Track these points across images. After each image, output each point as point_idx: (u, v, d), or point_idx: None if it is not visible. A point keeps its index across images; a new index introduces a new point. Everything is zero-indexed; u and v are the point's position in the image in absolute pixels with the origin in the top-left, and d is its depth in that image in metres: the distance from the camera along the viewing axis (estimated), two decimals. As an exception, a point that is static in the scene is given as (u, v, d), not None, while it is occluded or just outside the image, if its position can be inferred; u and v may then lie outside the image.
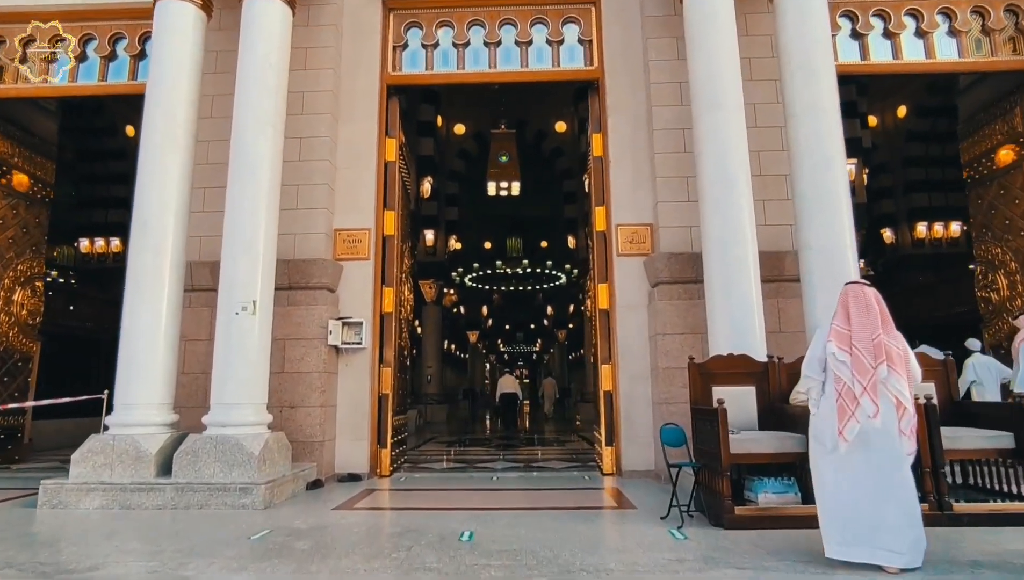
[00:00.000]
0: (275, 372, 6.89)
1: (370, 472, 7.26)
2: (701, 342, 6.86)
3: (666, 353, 6.88)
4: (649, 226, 7.58)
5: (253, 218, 6.13)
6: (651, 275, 7.28)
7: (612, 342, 7.57)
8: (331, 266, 7.23)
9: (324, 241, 7.34)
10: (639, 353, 7.34)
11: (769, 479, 4.66)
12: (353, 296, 7.51)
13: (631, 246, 7.56)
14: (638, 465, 7.12)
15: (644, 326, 7.39)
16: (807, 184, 6.10)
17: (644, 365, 7.31)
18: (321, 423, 6.83)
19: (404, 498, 6.13)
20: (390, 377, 7.65)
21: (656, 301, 7.04)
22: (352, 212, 7.71)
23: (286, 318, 7.03)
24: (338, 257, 7.58)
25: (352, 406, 7.30)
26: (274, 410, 6.79)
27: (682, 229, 7.25)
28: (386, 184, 8.04)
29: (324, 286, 7.15)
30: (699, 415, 5.14)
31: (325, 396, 6.91)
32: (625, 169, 7.75)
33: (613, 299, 7.58)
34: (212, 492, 5.33)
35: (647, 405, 7.23)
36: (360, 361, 7.39)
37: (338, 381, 7.33)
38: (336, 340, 7.10)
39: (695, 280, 7.03)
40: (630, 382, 7.30)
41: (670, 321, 6.95)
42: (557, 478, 7.23)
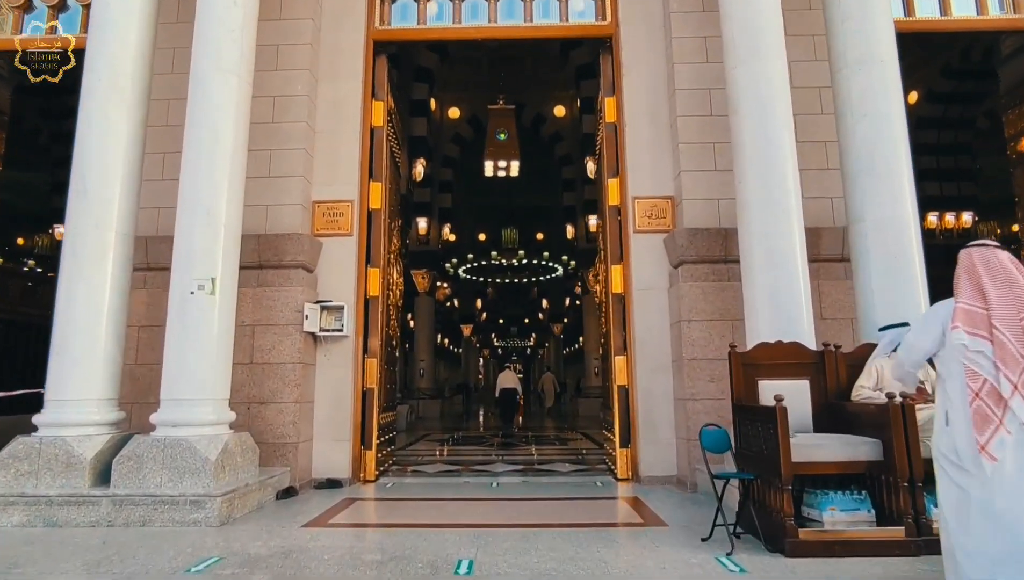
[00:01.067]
0: (241, 363, 5.98)
1: (352, 477, 6.37)
2: (731, 330, 6.01)
3: (691, 342, 6.02)
4: (670, 199, 6.70)
5: (213, 182, 5.21)
6: (673, 254, 6.41)
7: (628, 331, 6.70)
8: (308, 242, 6.32)
9: (300, 214, 6.42)
10: (658, 342, 6.47)
11: (836, 493, 3.80)
12: (334, 277, 6.61)
13: (649, 222, 6.69)
14: (658, 470, 6.26)
15: (664, 312, 6.53)
16: (861, 147, 5.23)
17: (664, 356, 6.44)
18: (295, 422, 5.93)
19: (390, 510, 5.26)
20: (376, 369, 6.75)
21: (679, 283, 6.17)
22: (333, 182, 6.79)
23: (255, 301, 6.13)
24: (317, 232, 6.66)
25: (332, 402, 6.40)
26: (240, 407, 5.88)
27: (708, 202, 6.38)
28: (372, 152, 7.12)
29: (300, 265, 6.24)
30: (745, 415, 4.28)
31: (300, 391, 6.01)
32: (642, 135, 6.86)
33: (629, 282, 6.71)
34: (157, 506, 4.43)
35: (668, 401, 6.37)
36: (341, 351, 6.49)
37: (316, 374, 6.43)
38: (313, 326, 6.19)
39: (724, 259, 6.17)
40: (648, 375, 6.44)
41: (696, 306, 6.08)
42: (565, 485, 6.37)
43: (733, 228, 6.15)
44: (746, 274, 5.28)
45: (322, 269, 6.61)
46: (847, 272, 6.20)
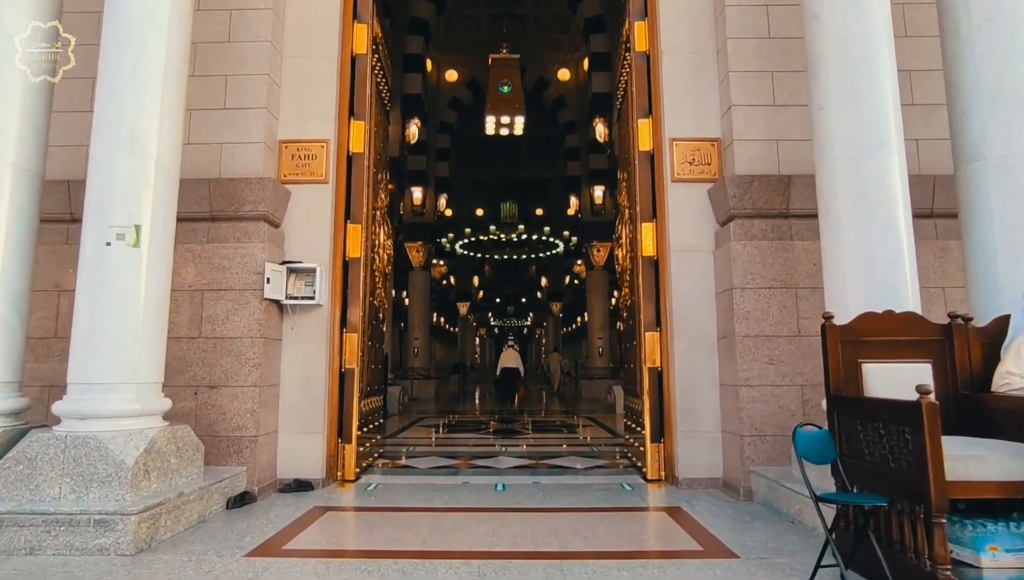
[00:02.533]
0: (188, 337, 4.82)
1: (327, 477, 5.24)
2: (794, 300, 4.86)
3: (745, 315, 4.86)
4: (715, 142, 5.50)
5: (140, 103, 3.98)
6: (720, 207, 5.23)
7: (662, 302, 5.54)
8: (272, 189, 5.10)
9: (263, 155, 5.20)
10: (701, 316, 5.32)
11: (996, 524, 2.68)
12: (304, 234, 5.41)
13: (691, 169, 5.49)
14: (699, 470, 5.15)
15: (708, 278, 5.36)
16: (982, 63, 4.00)
17: (708, 332, 5.29)
18: (254, 410, 4.77)
19: (368, 527, 4.12)
20: (356, 346, 5.59)
21: (730, 242, 4.99)
22: (305, 118, 5.55)
23: (206, 260, 4.93)
24: (284, 178, 5.45)
25: (302, 386, 5.24)
26: (185, 392, 4.74)
27: (765, 144, 5.18)
28: (353, 85, 5.88)
29: (261, 216, 5.04)
30: (852, 411, 3.12)
31: (261, 372, 4.84)
32: (682, 64, 5.63)
33: (664, 243, 5.53)
34: (51, 527, 3.28)
35: (712, 387, 5.24)
36: (313, 323, 5.32)
37: (282, 351, 5.26)
38: (277, 293, 5.00)
39: (785, 212, 5.00)
40: (688, 356, 5.29)
41: (751, 270, 4.91)
42: (586, 488, 5.24)
43: (797, 175, 5.01)
44: (827, 229, 4.12)
45: (291, 224, 5.41)
46: (938, 230, 5.04)
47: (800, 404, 4.75)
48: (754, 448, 4.72)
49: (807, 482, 2.82)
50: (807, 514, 3.79)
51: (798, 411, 4.74)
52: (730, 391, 4.96)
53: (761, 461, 4.70)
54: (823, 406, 4.11)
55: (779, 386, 4.77)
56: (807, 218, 4.96)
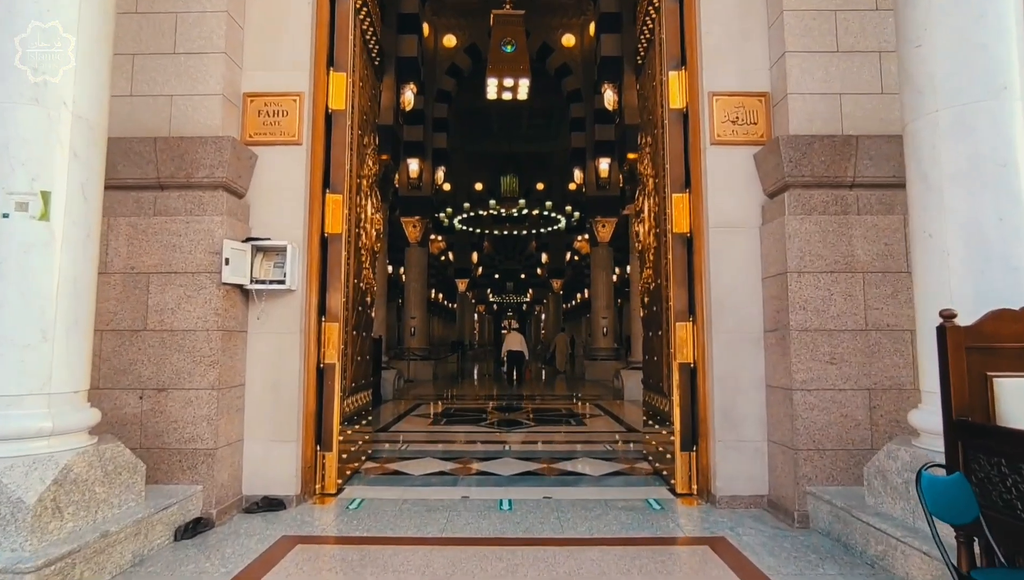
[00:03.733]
0: (130, 330, 3.99)
1: (302, 492, 4.46)
2: (861, 286, 4.04)
3: (802, 304, 4.04)
4: (763, 96, 4.62)
5: (50, 29, 3.10)
6: (770, 175, 4.37)
7: (698, 286, 4.71)
8: (233, 151, 4.22)
9: (222, 110, 4.31)
10: (744, 304, 4.49)
11: None
12: (274, 205, 4.54)
13: (734, 130, 4.61)
14: (741, 486, 4.37)
15: (754, 259, 4.52)
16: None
17: (752, 324, 4.47)
18: (212, 417, 3.97)
19: (347, 569, 3.35)
20: (338, 337, 4.77)
21: (786, 217, 4.14)
22: (273, 66, 4.65)
23: (151, 237, 4.08)
24: (249, 139, 4.57)
25: (271, 386, 4.43)
26: (127, 396, 3.93)
27: (827, 98, 4.30)
28: (333, 28, 4.97)
29: (220, 183, 4.17)
30: (990, 444, 2.31)
31: (220, 371, 4.02)
32: (724, 2, 4.72)
33: (700, 217, 4.68)
34: (-81, 590, 2.50)
35: (757, 389, 4.43)
36: (285, 312, 4.48)
37: (247, 346, 4.44)
38: (239, 276, 4.16)
39: (852, 181, 4.15)
40: (728, 351, 4.47)
41: (810, 249, 4.08)
42: (606, 506, 4.45)
43: (865, 136, 4.15)
44: (922, 200, 3.28)
45: (257, 194, 4.55)
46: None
47: (867, 413, 3.96)
48: (811, 464, 3.93)
49: (946, 559, 2.01)
50: (895, 560, 3.01)
51: (864, 421, 3.95)
52: (781, 395, 4.16)
53: (819, 479, 3.92)
54: (913, 420, 3.33)
55: (842, 390, 3.97)
56: (876, 188, 4.13)
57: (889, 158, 4.07)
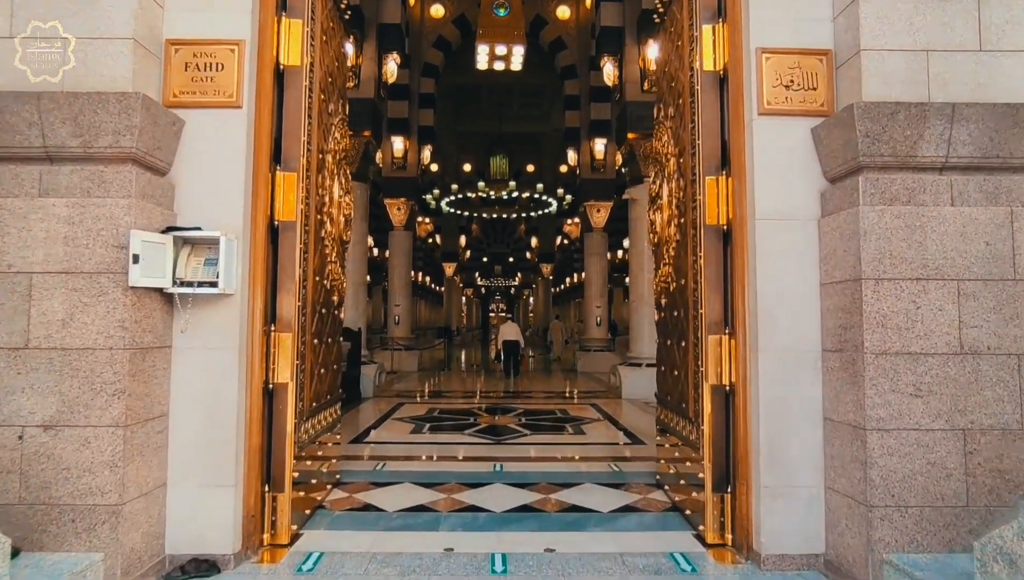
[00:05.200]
0: (5, 347, 3.04)
1: (243, 548, 3.55)
2: (955, 297, 3.17)
3: (881, 320, 3.15)
4: (824, 55, 3.69)
5: None
6: (836, 153, 3.47)
7: (737, 291, 3.81)
8: (148, 113, 3.24)
9: (134, 59, 3.32)
10: (797, 315, 3.61)
11: None
12: (206, 185, 3.57)
13: (788, 96, 3.69)
14: (791, 543, 3.52)
15: (810, 259, 3.63)
16: None
17: (807, 339, 3.59)
18: (116, 462, 3.03)
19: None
20: (291, 350, 3.83)
21: (860, 207, 3.24)
22: (205, 6, 3.65)
23: (32, 226, 3.09)
24: (174, 99, 3.58)
25: (203, 417, 3.49)
26: (3, 434, 2.98)
27: (912, 56, 3.39)
28: (286, -36, 3.97)
29: (128, 155, 3.19)
30: None
31: (128, 402, 3.08)
32: (777, -63, 3.78)
33: (742, 205, 3.78)
34: None
35: (811, 421, 3.57)
36: (220, 322, 3.53)
37: (172, 366, 3.49)
38: (155, 277, 3.20)
39: (943, 163, 3.25)
40: (777, 373, 3.60)
41: (892, 249, 3.19)
42: (623, 567, 3.59)
43: (962, 103, 3.24)
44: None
45: (184, 170, 3.56)
46: None
47: (960, 459, 3.10)
48: (889, 525, 3.08)
49: None
50: None
51: (957, 470, 3.10)
52: (847, 434, 3.30)
53: (900, 545, 3.07)
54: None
55: (929, 431, 3.11)
56: (975, 172, 3.25)
57: (992, 133, 3.18)
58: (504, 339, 15.46)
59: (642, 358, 11.50)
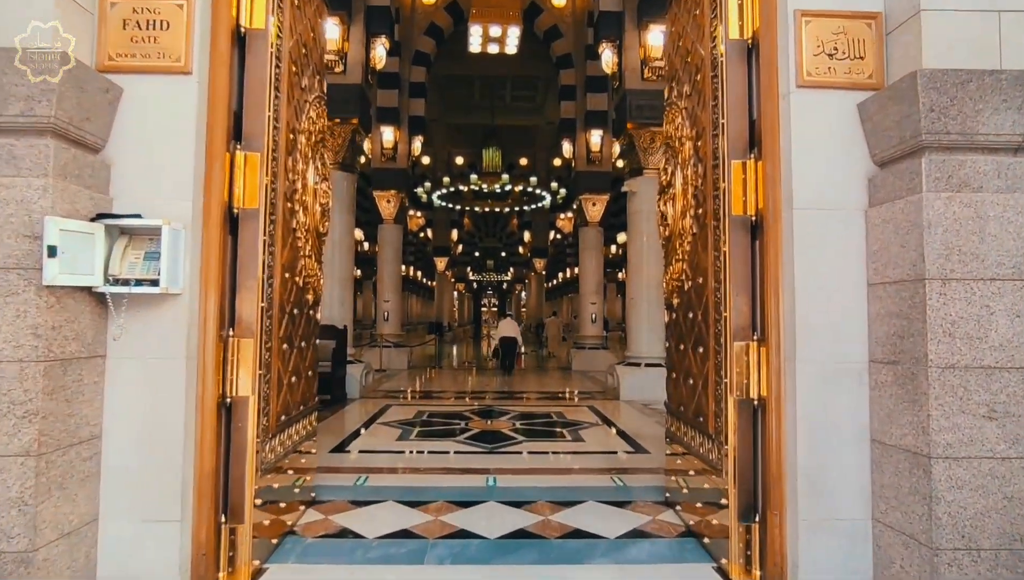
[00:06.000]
0: None
1: (193, 593, 3.03)
2: (1033, 302, 2.66)
3: (949, 328, 2.66)
4: (873, 18, 3.18)
5: None
6: (890, 131, 2.97)
7: (769, 292, 3.31)
8: (70, 75, 2.68)
9: (58, 13, 2.76)
10: (840, 320, 3.11)
11: None
12: (149, 165, 3.03)
13: (830, 67, 3.18)
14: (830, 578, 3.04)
15: (855, 255, 3.13)
16: None
17: (852, 349, 3.10)
18: (27, 498, 2.49)
19: None
20: (253, 358, 3.29)
21: (923, 194, 2.73)
22: (148, -46, 3.10)
23: (-70, 210, 2.56)
24: (109, 62, 3.02)
25: (142, 438, 2.95)
26: None
27: (980, 17, 2.90)
28: (248, -91, 3.41)
29: (46, 126, 2.63)
30: None
31: (43, 425, 2.54)
32: None
33: (775, 192, 3.27)
34: None
35: (857, 443, 3.07)
36: (163, 327, 2.99)
37: (105, 380, 2.95)
38: (80, 273, 2.65)
39: (1019, 142, 2.75)
40: (817, 387, 3.10)
41: (963, 244, 2.69)
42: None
43: (1046, 72, 2.73)
44: None
45: (121, 147, 3.02)
46: None
47: (1042, 492, 2.63)
48: (959, 571, 2.60)
49: None
50: None
51: (1037, 504, 2.62)
52: (904, 460, 2.80)
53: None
54: None
55: (1006, 459, 2.63)
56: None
57: (1080, 107, 2.69)
58: (501, 336, 15.54)
59: (640, 358, 11.04)
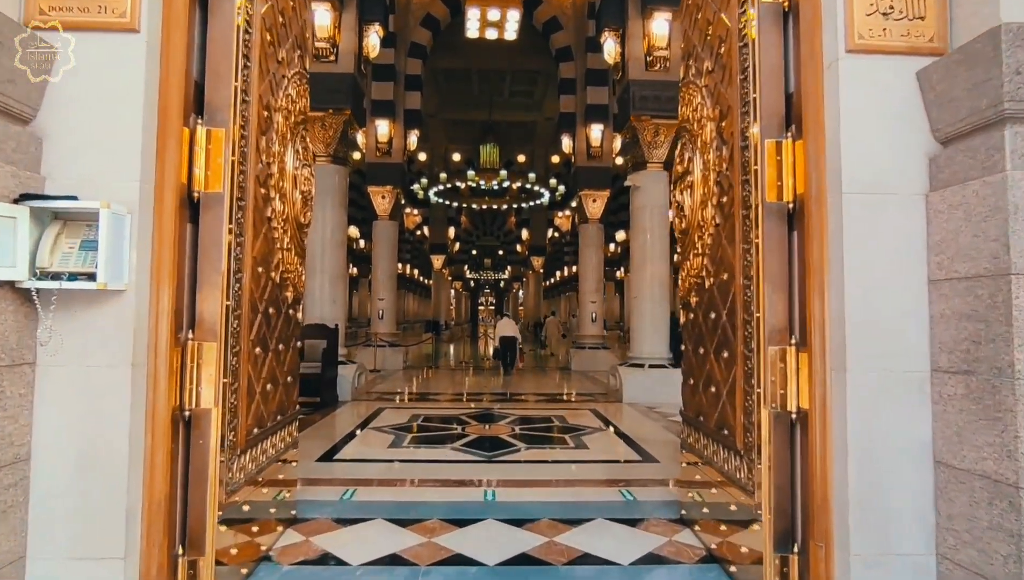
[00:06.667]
0: None
1: (141, 642, 2.59)
2: None
3: (1034, 332, 2.24)
4: (935, -26, 2.76)
5: None
6: (956, 103, 2.53)
7: (811, 289, 2.87)
8: (-6, 32, 2.25)
9: (-21, -44, 2.33)
10: (896, 322, 2.68)
11: None
12: (89, 139, 2.58)
13: (885, 29, 2.74)
14: (891, 630, 2.61)
15: (913, 246, 2.69)
16: None
17: (911, 355, 2.66)
18: (-69, 540, 2.07)
19: None
20: (217, 364, 2.84)
21: (1010, 173, 2.31)
22: None
23: None
24: (39, 17, 2.57)
25: (79, 459, 2.50)
26: None
27: (1067, -34, 2.47)
28: None
29: (-42, 90, 2.21)
30: None
31: (-46, 447, 2.12)
32: None
33: (821, 174, 2.84)
34: None
35: (918, 464, 2.64)
36: (104, 329, 2.54)
37: (35, 391, 2.50)
38: (3, 265, 2.22)
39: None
40: (870, 400, 2.67)
41: (1052, 235, 2.27)
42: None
43: None
44: None
45: (56, 117, 2.57)
46: None
47: None
48: (1052, 623, 2.17)
49: None
50: None
51: None
52: (981, 487, 2.38)
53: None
54: None
55: (1108, 488, 2.20)
56: None
57: None
58: (501, 335, 15.53)
59: (643, 358, 10.65)
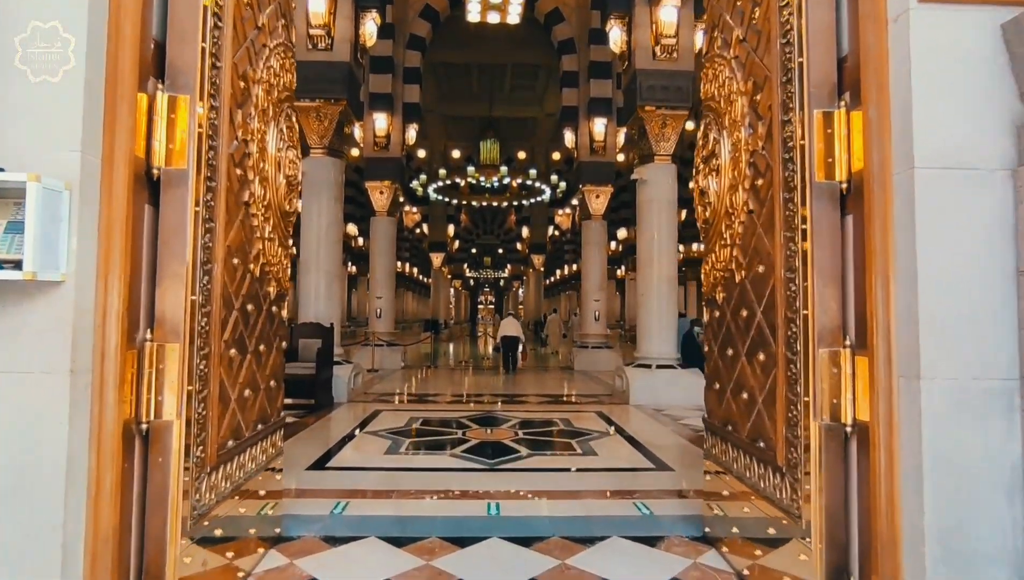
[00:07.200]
0: None
1: None
2: None
3: None
4: (1024, -89, 2.35)
5: None
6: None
7: (871, 283, 2.46)
8: None
9: None
10: (980, 322, 2.28)
11: None
12: (22, 103, 2.17)
13: (965, -27, 2.35)
14: None
15: (998, 234, 2.29)
16: None
17: (996, 362, 2.26)
18: None
19: None
20: (179, 370, 2.44)
21: None
22: None
23: None
24: (-37, -43, 2.18)
25: (6, 486, 2.11)
26: None
27: None
28: None
29: None
30: None
31: None
32: None
33: (884, 149, 2.43)
34: None
35: (1008, 491, 2.23)
36: (37, 327, 2.14)
37: (-50, 399, 2.11)
38: None
39: None
40: (950, 414, 2.25)
41: None
42: None
43: None
44: None
45: (-17, 73, 2.17)
46: None
47: None
48: None
49: None
50: None
51: None
52: (1092, 520, 1.98)
53: None
54: None
55: None
56: None
57: None
58: (504, 334, 15.39)
59: (651, 358, 10.26)
